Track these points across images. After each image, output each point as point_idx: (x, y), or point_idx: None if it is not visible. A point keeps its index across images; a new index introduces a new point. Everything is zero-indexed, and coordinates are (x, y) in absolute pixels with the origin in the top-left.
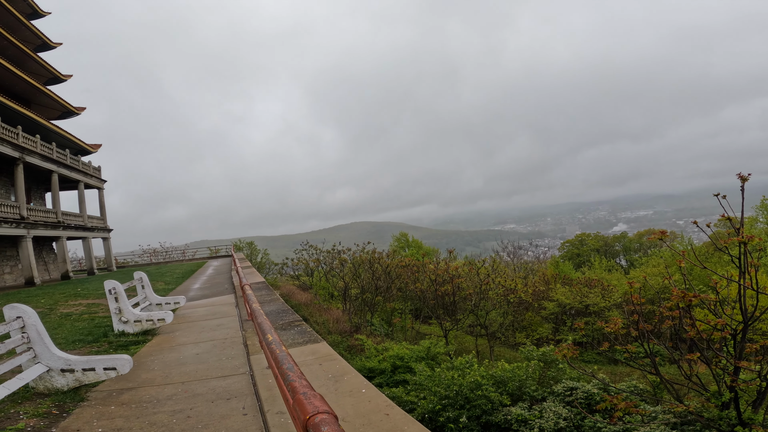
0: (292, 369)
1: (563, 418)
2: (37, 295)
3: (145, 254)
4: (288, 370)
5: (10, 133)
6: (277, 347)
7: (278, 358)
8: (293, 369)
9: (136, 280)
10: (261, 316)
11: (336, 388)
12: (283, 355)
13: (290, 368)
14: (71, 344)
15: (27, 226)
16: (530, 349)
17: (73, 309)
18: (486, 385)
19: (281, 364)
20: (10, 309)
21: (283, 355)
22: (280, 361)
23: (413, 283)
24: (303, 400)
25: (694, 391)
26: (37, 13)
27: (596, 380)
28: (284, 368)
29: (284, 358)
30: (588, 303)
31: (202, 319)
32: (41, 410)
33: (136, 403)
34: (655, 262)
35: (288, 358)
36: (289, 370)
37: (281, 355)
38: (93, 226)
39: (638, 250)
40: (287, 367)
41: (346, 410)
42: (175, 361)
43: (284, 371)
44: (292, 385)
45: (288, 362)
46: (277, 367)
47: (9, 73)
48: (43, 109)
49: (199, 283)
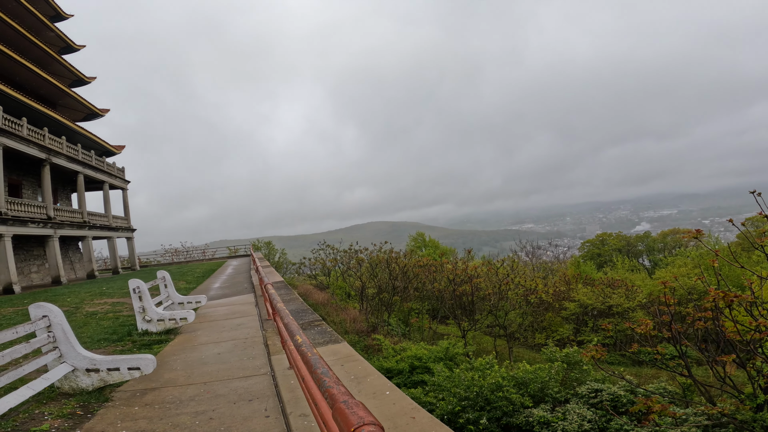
0: (327, 374)
1: (587, 421)
2: (63, 293)
3: (167, 254)
4: (323, 375)
5: (37, 135)
6: (308, 349)
7: (310, 361)
8: (328, 374)
9: (159, 279)
10: (287, 316)
11: (359, 390)
12: (316, 359)
13: (325, 373)
14: (96, 343)
15: (54, 226)
16: (553, 350)
17: (98, 308)
18: (507, 387)
19: (315, 368)
20: (35, 308)
21: (315, 358)
22: (314, 365)
23: (431, 283)
24: (345, 409)
25: (726, 394)
26: (60, 15)
27: (624, 382)
28: (319, 373)
29: (317, 361)
30: (611, 304)
31: (223, 319)
32: (66, 411)
33: (159, 403)
34: (682, 262)
35: (321, 362)
36: (325, 375)
37: (314, 358)
38: (117, 226)
39: (662, 250)
40: (322, 371)
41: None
42: (197, 360)
43: (319, 376)
44: (330, 392)
45: (322, 366)
46: (310, 371)
47: (34, 75)
48: (67, 111)
49: (218, 283)
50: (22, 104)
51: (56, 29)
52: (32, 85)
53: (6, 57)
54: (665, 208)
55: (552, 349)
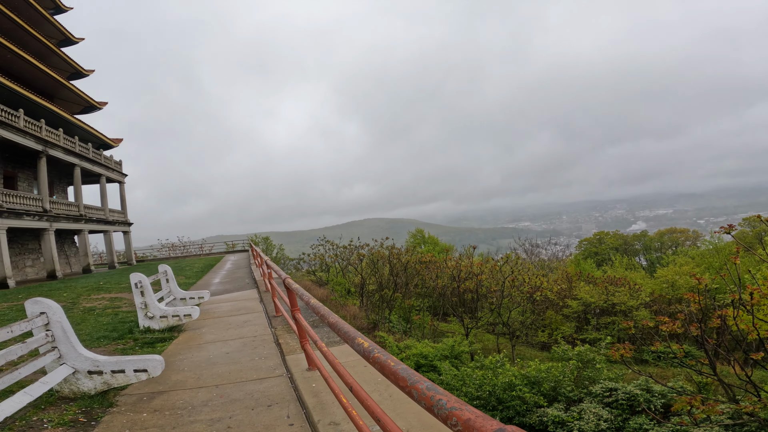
0: (435, 389)
1: (604, 420)
2: (59, 288)
3: (163, 248)
4: (431, 392)
5: (34, 127)
6: (387, 357)
7: (398, 372)
8: (437, 389)
9: (160, 273)
10: (332, 315)
11: (390, 393)
12: (404, 369)
13: (431, 388)
14: (96, 341)
15: (49, 219)
16: (565, 348)
17: (96, 303)
18: (520, 386)
19: (415, 382)
20: (32, 304)
21: (403, 368)
22: (407, 378)
23: (433, 279)
24: None
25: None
26: (60, 8)
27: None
28: (422, 388)
29: (409, 373)
30: (615, 302)
31: (228, 315)
32: (67, 418)
33: (169, 409)
34: (684, 261)
35: (423, 379)
36: (432, 390)
37: (400, 368)
38: (114, 219)
39: (659, 249)
40: (426, 386)
41: (410, 422)
42: (205, 360)
43: (424, 393)
44: (456, 415)
45: (424, 381)
46: (401, 385)
47: (32, 67)
48: (65, 104)
49: (219, 278)
50: (19, 96)
51: (55, 22)
52: (30, 77)
53: (4, 49)
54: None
55: (564, 347)
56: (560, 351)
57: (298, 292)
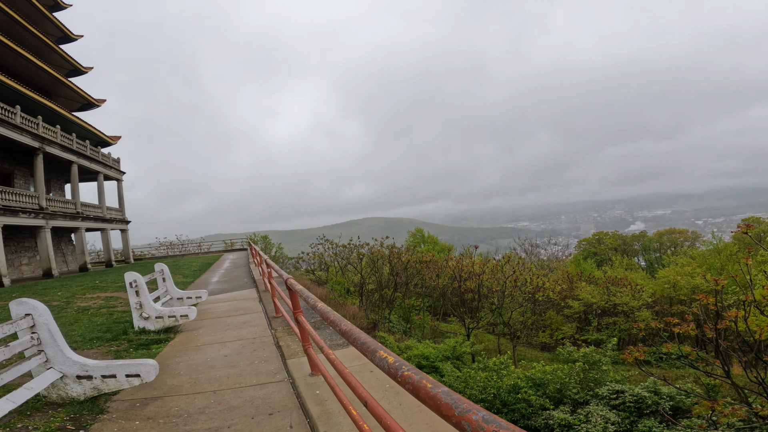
0: (497, 422)
1: (611, 423)
2: (55, 287)
3: (161, 247)
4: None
5: (31, 123)
6: (423, 378)
7: (440, 398)
8: (500, 422)
9: (157, 272)
10: (344, 322)
11: (399, 401)
12: (457, 399)
13: (489, 420)
14: (89, 342)
15: (46, 217)
16: (571, 349)
17: (90, 302)
18: (525, 388)
19: (465, 411)
20: (17, 305)
21: (456, 398)
22: (461, 408)
23: (433, 279)
24: None
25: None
26: (59, 5)
27: (651, 380)
28: (477, 419)
29: (458, 401)
30: (617, 302)
31: (226, 316)
32: (54, 425)
33: (163, 417)
34: (685, 261)
35: (475, 407)
36: (494, 424)
37: (454, 398)
38: (111, 217)
39: (658, 249)
40: (483, 416)
41: None
42: (202, 364)
43: (478, 424)
44: None
45: (476, 409)
46: (457, 415)
47: (30, 64)
48: (63, 101)
49: (217, 277)
50: (16, 92)
51: (54, 18)
52: (28, 74)
53: (2, 45)
54: (659, 208)
55: (570, 348)
56: (566, 352)
57: (302, 294)
